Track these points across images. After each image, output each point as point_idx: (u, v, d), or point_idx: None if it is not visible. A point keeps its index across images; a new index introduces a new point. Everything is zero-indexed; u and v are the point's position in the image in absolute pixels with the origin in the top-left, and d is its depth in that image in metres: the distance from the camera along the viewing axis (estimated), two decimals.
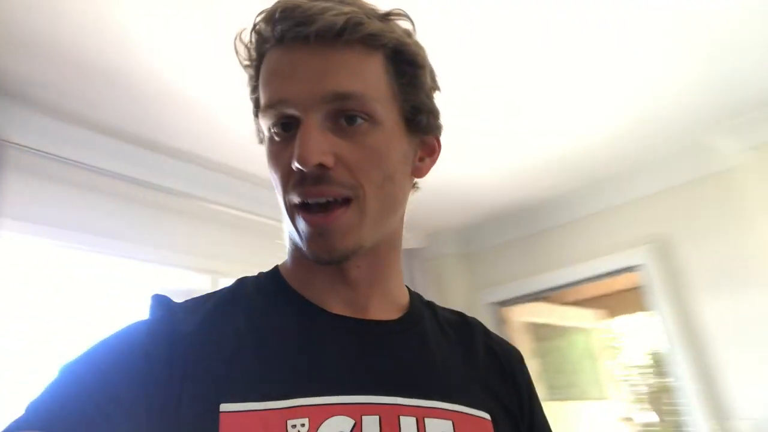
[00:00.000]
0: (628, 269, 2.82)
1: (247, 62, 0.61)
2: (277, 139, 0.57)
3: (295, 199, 0.55)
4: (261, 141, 0.63)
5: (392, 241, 0.64)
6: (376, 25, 0.56)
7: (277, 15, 0.55)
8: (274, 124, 0.56)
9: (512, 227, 3.19)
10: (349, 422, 0.52)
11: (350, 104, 0.55)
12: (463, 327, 0.71)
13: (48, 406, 0.47)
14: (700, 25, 1.83)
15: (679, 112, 2.32)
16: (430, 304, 0.72)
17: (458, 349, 0.67)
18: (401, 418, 0.55)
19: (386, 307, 0.64)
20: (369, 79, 0.56)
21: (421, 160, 0.64)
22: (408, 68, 0.59)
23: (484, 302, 3.22)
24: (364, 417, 0.53)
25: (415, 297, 0.70)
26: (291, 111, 0.55)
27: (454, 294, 3.22)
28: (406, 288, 0.69)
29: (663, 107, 2.28)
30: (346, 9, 0.55)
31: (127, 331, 0.55)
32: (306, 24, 0.53)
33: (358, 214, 0.56)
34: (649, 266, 2.71)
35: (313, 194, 0.54)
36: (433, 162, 0.66)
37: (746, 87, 2.20)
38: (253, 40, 0.59)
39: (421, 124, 0.61)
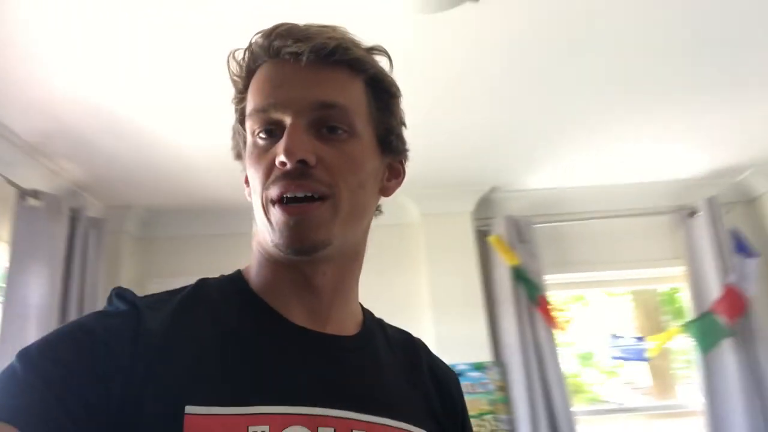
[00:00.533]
0: None
1: (237, 76, 0.66)
2: (260, 142, 0.61)
3: (274, 192, 0.59)
4: (237, 156, 0.68)
5: (356, 252, 0.69)
6: (361, 53, 0.64)
7: (275, 33, 0.62)
8: (260, 128, 0.61)
9: (207, 222, 3.09)
10: None
11: (334, 114, 0.61)
12: (409, 347, 0.76)
13: (12, 400, 0.47)
14: None
15: None
16: (380, 322, 0.76)
17: (404, 369, 0.72)
18: None
19: (345, 321, 0.68)
20: (352, 95, 0.63)
21: (389, 180, 0.71)
22: (384, 95, 0.67)
23: (154, 290, 3.00)
24: (320, 428, 0.56)
25: (367, 314, 0.75)
26: (279, 115, 0.60)
27: (125, 276, 2.91)
28: (359, 305, 0.74)
29: None
30: (338, 35, 0.63)
31: (89, 323, 0.55)
32: (301, 41, 0.60)
33: (332, 211, 0.60)
34: None
35: (293, 188, 0.58)
36: (399, 184, 0.73)
37: (425, 165, 2.71)
38: (246, 57, 0.64)
39: (391, 145, 0.68)
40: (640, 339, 2.90)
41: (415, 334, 3.09)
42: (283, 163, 0.58)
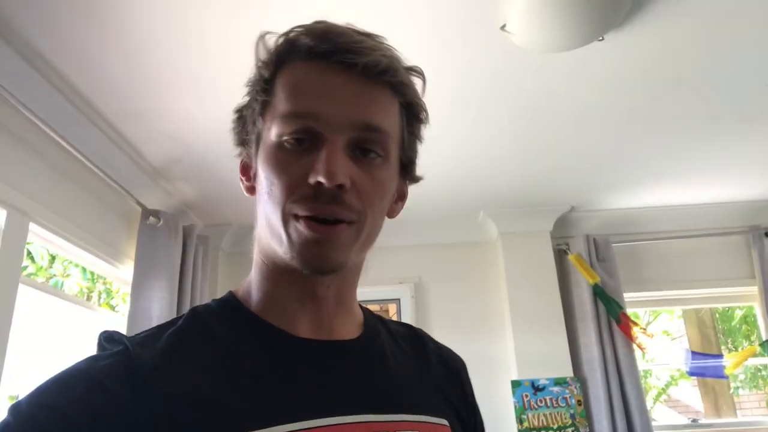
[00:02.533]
0: (391, 300, 3.20)
1: (264, 63, 0.61)
2: (288, 147, 0.58)
3: (302, 211, 0.56)
4: (240, 142, 0.66)
5: (359, 266, 0.67)
6: (405, 76, 0.62)
7: (324, 34, 0.58)
8: (292, 133, 0.57)
9: None
10: None
11: (375, 137, 0.59)
12: (414, 338, 0.75)
13: None
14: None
15: (460, 190, 2.84)
16: (380, 319, 0.75)
17: (412, 360, 0.71)
18: None
19: (347, 325, 0.67)
20: (392, 120, 0.61)
21: (396, 203, 0.69)
22: (415, 121, 0.65)
23: None
24: None
25: (367, 313, 0.72)
26: (318, 127, 0.57)
27: (220, 289, 3.08)
28: (358, 304, 0.72)
29: (449, 188, 2.77)
30: (388, 53, 0.60)
31: (82, 367, 0.52)
32: (356, 53, 0.57)
33: (355, 235, 0.59)
34: (404, 300, 3.15)
35: (325, 212, 0.56)
36: (403, 206, 0.71)
37: (506, 186, 2.83)
38: (281, 46, 0.60)
39: (411, 173, 0.68)
40: (718, 357, 2.97)
41: (496, 349, 3.20)
42: (319, 184, 0.55)
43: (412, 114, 0.64)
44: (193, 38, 1.69)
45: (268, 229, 0.60)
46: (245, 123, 0.65)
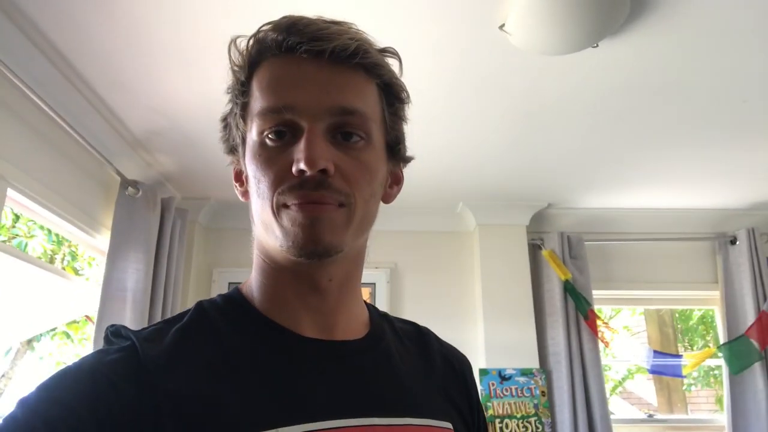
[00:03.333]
0: (366, 284, 3.23)
1: (238, 67, 0.62)
2: (270, 143, 0.58)
3: (291, 200, 0.57)
4: (230, 150, 0.66)
5: (359, 257, 0.67)
6: (378, 57, 0.62)
7: (290, 27, 0.58)
8: (270, 129, 0.58)
9: None
10: None
11: (353, 120, 0.59)
12: (419, 337, 0.75)
13: None
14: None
15: (442, 180, 2.87)
16: (386, 316, 0.75)
17: (418, 361, 0.70)
18: None
19: (352, 323, 0.66)
20: (369, 101, 0.61)
21: (391, 187, 0.69)
22: (395, 101, 0.65)
23: (217, 278, 3.16)
24: None
25: (372, 311, 0.73)
26: (295, 118, 0.57)
27: (195, 264, 3.06)
28: (363, 301, 0.72)
29: (431, 178, 2.79)
30: (357, 36, 0.60)
31: (89, 363, 0.53)
32: (322, 41, 0.57)
33: (347, 218, 0.58)
34: (380, 285, 3.18)
35: (313, 198, 0.56)
36: (399, 191, 0.70)
37: (487, 179, 2.86)
38: (251, 47, 0.61)
39: (399, 153, 0.67)
40: (677, 357, 3.09)
41: (466, 337, 3.27)
42: (302, 172, 0.55)
43: (392, 94, 0.64)
44: (183, 13, 1.66)
45: (263, 226, 0.60)
46: (230, 130, 0.65)
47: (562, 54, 1.69)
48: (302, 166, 0.54)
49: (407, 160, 0.69)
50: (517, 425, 2.92)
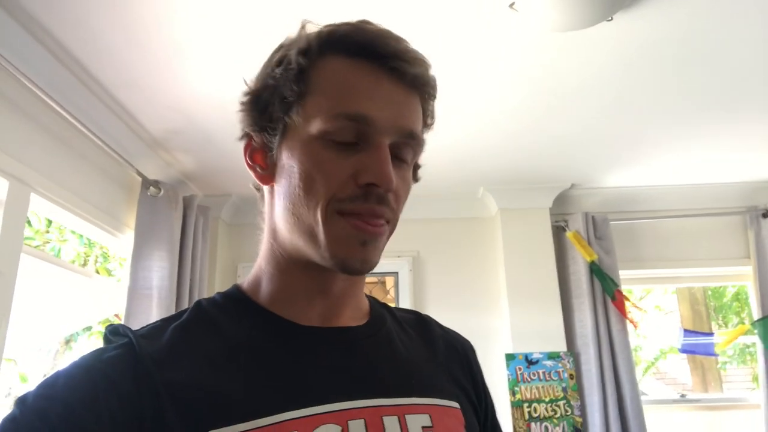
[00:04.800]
0: (389, 273, 3.23)
1: (301, 50, 0.59)
2: (331, 144, 0.57)
3: (352, 209, 0.57)
4: (260, 127, 0.62)
5: None
6: (435, 89, 0.64)
7: (376, 37, 0.59)
8: (340, 134, 0.57)
9: None
10: (336, 429, 0.54)
11: (413, 144, 0.61)
12: (420, 324, 0.76)
13: None
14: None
15: (462, 165, 2.83)
16: (385, 306, 0.75)
17: (420, 345, 0.71)
18: (384, 418, 0.57)
19: (354, 314, 0.68)
20: (421, 127, 0.64)
21: None
22: (425, 128, 0.66)
23: (242, 274, 3.19)
24: (350, 422, 0.55)
25: (373, 302, 0.73)
26: (371, 131, 0.57)
27: (220, 260, 3.10)
28: (365, 295, 0.73)
29: (451, 164, 2.76)
30: (428, 65, 0.62)
31: (87, 361, 0.53)
32: (408, 63, 0.59)
33: (388, 235, 0.61)
34: (402, 274, 3.17)
35: (376, 213, 0.57)
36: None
37: (508, 163, 2.81)
38: (324, 34, 0.59)
39: (417, 178, 0.69)
40: (709, 335, 3.02)
41: (492, 323, 3.23)
42: (373, 186, 0.56)
43: (427, 116, 0.65)
44: (195, 10, 1.66)
45: (296, 224, 0.59)
46: (266, 107, 0.61)
47: (575, 29, 1.64)
48: (376, 180, 0.55)
49: (418, 180, 0.70)
50: (546, 409, 2.90)
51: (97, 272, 4.17)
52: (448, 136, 2.51)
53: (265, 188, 0.67)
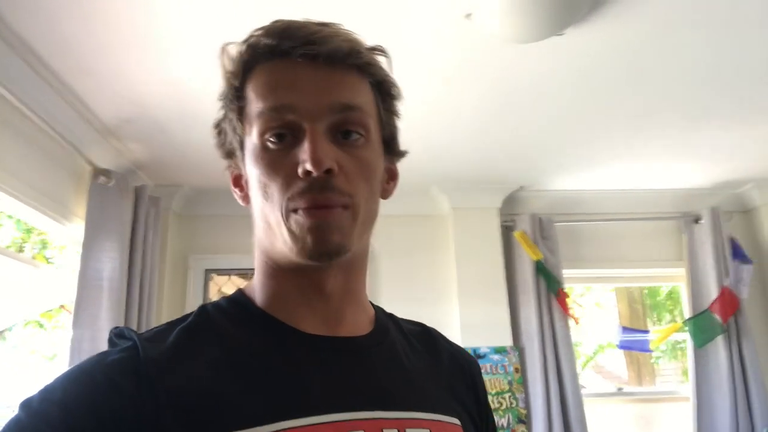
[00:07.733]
0: None
1: (231, 73, 0.62)
2: (272, 146, 0.59)
3: (300, 204, 0.57)
4: (227, 154, 0.66)
5: (363, 255, 0.68)
6: (370, 56, 0.63)
7: (283, 32, 0.60)
8: (271, 131, 0.58)
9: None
10: None
11: (353, 116, 0.60)
12: (426, 337, 0.75)
13: None
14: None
15: (416, 164, 2.90)
16: (391, 317, 0.75)
17: (425, 358, 0.70)
18: (384, 431, 0.57)
19: (357, 321, 0.67)
20: (365, 98, 0.62)
21: (388, 183, 0.70)
22: (388, 98, 0.66)
23: (193, 265, 3.16)
24: None
25: (378, 310, 0.73)
26: (296, 118, 0.58)
27: (170, 251, 3.06)
28: (369, 302, 0.72)
29: (405, 162, 2.83)
30: (350, 38, 0.62)
31: (90, 365, 0.54)
32: (316, 44, 0.59)
33: (351, 219, 0.59)
34: None
35: (320, 202, 0.57)
36: (395, 186, 0.71)
37: (461, 163, 2.91)
38: (245, 53, 0.61)
39: (395, 149, 0.69)
40: (645, 332, 3.21)
41: (442, 317, 3.32)
42: (308, 173, 0.55)
43: (385, 91, 0.65)
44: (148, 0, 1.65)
45: (269, 230, 0.60)
46: (226, 135, 0.65)
47: (527, 42, 1.72)
48: (308, 166, 0.55)
49: (402, 154, 0.71)
50: (492, 401, 3.01)
51: (34, 259, 4.02)
52: (402, 136, 2.55)
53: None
